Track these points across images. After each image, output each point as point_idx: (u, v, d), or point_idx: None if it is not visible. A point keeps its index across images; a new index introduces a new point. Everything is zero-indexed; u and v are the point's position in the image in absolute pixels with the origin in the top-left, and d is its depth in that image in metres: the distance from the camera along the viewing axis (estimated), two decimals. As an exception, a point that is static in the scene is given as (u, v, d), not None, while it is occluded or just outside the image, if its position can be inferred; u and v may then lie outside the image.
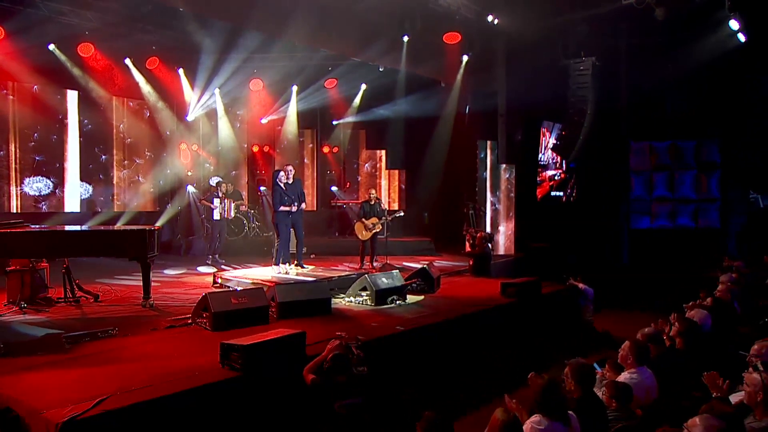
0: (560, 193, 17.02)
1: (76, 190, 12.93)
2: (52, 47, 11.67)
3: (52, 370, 5.05)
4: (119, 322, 6.66)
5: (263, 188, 14.87)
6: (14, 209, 11.99)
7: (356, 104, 15.98)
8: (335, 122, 16.62)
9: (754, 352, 4.67)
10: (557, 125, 16.00)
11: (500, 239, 14.02)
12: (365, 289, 8.24)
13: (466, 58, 13.66)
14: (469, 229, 13.07)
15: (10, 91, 11.90)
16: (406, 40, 12.23)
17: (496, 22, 12.39)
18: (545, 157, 16.27)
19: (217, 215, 11.54)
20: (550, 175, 16.61)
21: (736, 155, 15.64)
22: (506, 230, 14.09)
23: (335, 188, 16.61)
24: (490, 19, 12.32)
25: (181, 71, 13.66)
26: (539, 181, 16.13)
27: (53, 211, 12.41)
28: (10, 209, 11.90)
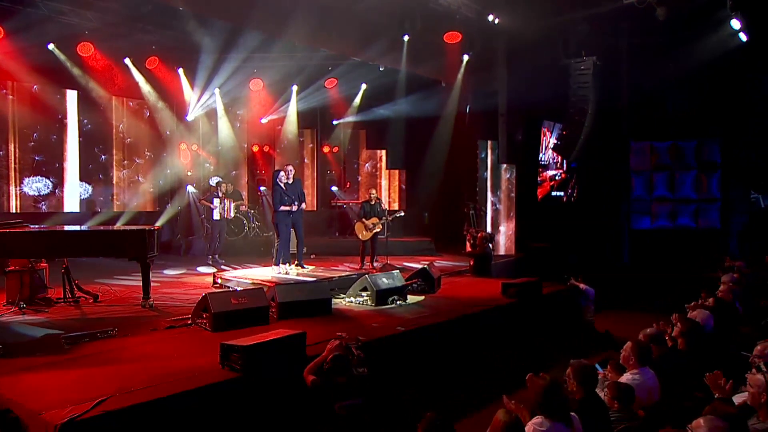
0: (561, 193, 16.99)
1: (75, 190, 12.93)
2: (51, 47, 11.66)
3: (51, 370, 5.03)
4: (119, 322, 6.64)
5: (263, 188, 14.85)
6: (14, 209, 11.99)
7: (356, 104, 15.96)
8: (335, 122, 16.60)
9: (757, 353, 4.66)
10: (558, 125, 15.98)
11: (501, 239, 13.99)
12: (366, 289, 8.23)
13: (466, 57, 13.65)
14: (469, 229, 13.05)
15: (9, 90, 11.90)
16: (406, 39, 12.22)
17: (496, 21, 12.38)
18: (546, 156, 16.24)
19: (216, 215, 11.53)
20: (550, 175, 16.58)
21: (736, 155, 15.62)
22: (507, 230, 14.06)
23: (335, 188, 16.58)
24: (490, 18, 12.31)
25: (180, 71, 13.65)
26: (540, 181, 16.10)
27: (53, 211, 12.41)
28: (9, 209, 11.90)
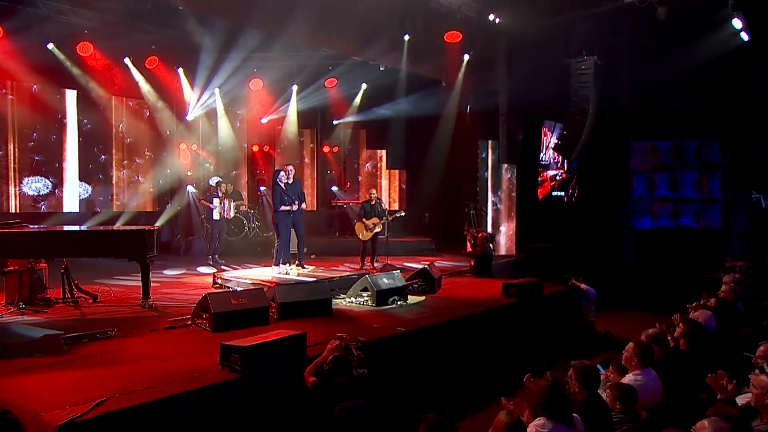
0: (562, 193, 16.96)
1: (75, 190, 12.90)
2: (51, 46, 11.63)
3: (50, 371, 5.01)
4: (118, 323, 6.62)
5: (263, 188, 14.82)
6: (13, 209, 11.96)
7: (357, 104, 15.93)
8: (335, 122, 16.57)
9: (760, 353, 4.64)
10: (559, 125, 15.95)
11: (501, 239, 13.96)
12: (366, 289, 8.21)
13: (467, 57, 13.64)
14: (470, 229, 13.01)
15: (9, 90, 11.88)
16: (406, 39, 12.21)
17: (497, 20, 12.36)
18: (547, 156, 16.21)
19: (216, 215, 11.50)
20: (551, 175, 16.55)
21: (738, 155, 15.60)
22: (507, 230, 14.03)
23: (335, 188, 16.56)
24: (491, 17, 12.30)
25: (180, 71, 13.63)
26: (540, 181, 16.07)
27: (52, 211, 12.39)
28: (8, 209, 11.88)
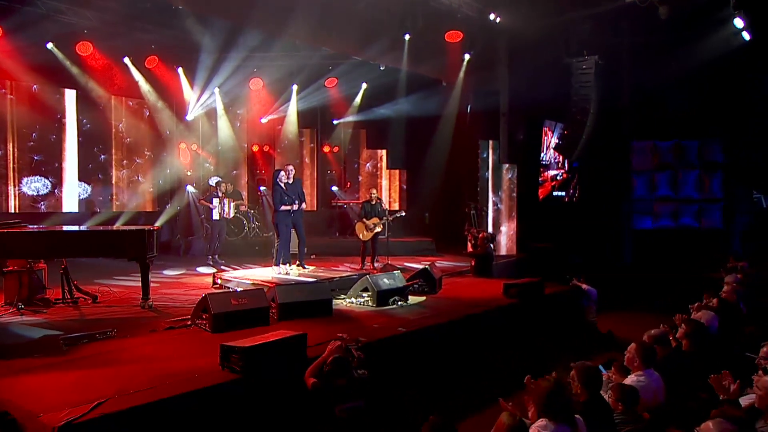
0: (562, 193, 16.93)
1: (74, 189, 12.89)
2: (50, 46, 11.61)
3: (49, 372, 5.00)
4: (118, 323, 6.60)
5: (263, 188, 14.81)
6: (12, 209, 11.95)
7: (357, 103, 15.90)
8: (336, 121, 16.54)
9: (763, 354, 4.62)
10: (559, 124, 15.91)
11: (502, 239, 13.94)
12: (366, 290, 8.19)
13: (467, 56, 13.60)
14: (470, 229, 13.00)
15: (8, 90, 11.86)
16: (407, 38, 12.17)
17: (498, 20, 12.33)
18: (547, 156, 16.18)
19: (216, 215, 11.49)
20: (552, 174, 16.52)
21: (738, 155, 15.56)
22: (508, 230, 14.01)
23: (336, 188, 16.54)
24: (491, 17, 12.27)
25: (180, 70, 13.60)
26: (541, 181, 16.04)
27: (51, 211, 12.37)
28: (8, 209, 11.86)
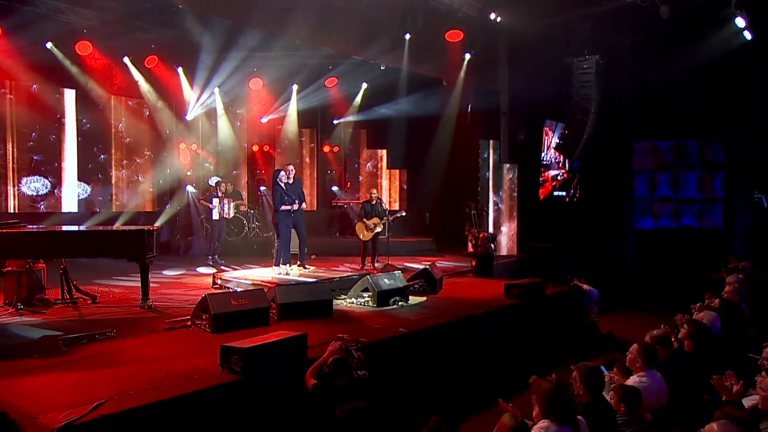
0: (563, 192, 16.91)
1: (74, 189, 12.87)
2: (50, 45, 11.60)
3: (48, 373, 4.98)
4: (117, 323, 6.58)
5: (263, 188, 14.79)
6: (11, 209, 11.94)
7: (357, 103, 15.89)
8: (336, 121, 16.53)
9: (766, 355, 4.60)
10: (560, 124, 15.89)
11: (503, 239, 13.92)
12: (367, 290, 8.17)
13: (468, 56, 13.60)
14: (471, 229, 12.99)
15: (7, 89, 11.85)
16: (407, 38, 12.17)
17: (498, 19, 12.33)
18: (548, 156, 16.16)
19: (216, 215, 11.47)
20: (552, 174, 16.49)
21: (739, 155, 15.52)
22: (509, 230, 13.99)
23: (336, 188, 16.52)
24: (492, 16, 12.27)
25: (180, 70, 13.59)
26: (542, 180, 16.01)
27: (51, 211, 12.36)
28: (7, 209, 11.85)
